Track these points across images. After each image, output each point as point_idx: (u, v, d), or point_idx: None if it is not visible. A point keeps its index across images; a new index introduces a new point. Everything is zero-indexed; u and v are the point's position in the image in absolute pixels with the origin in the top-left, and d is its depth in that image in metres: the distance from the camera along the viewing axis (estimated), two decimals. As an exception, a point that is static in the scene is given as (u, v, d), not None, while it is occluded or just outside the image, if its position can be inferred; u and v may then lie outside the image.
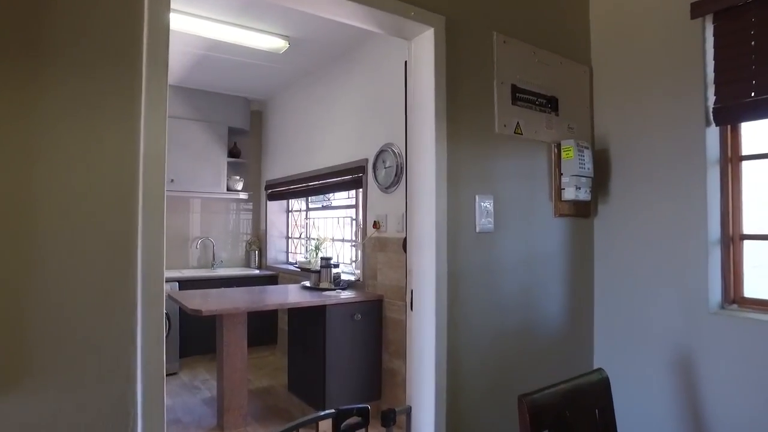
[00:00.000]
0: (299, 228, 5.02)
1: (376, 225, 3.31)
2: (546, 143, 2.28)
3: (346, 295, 3.23)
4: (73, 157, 1.14)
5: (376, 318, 3.21)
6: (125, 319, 1.18)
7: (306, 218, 4.91)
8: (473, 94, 2.00)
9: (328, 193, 4.24)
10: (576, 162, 2.23)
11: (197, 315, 2.70)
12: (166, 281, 4.50)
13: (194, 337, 4.25)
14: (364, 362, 3.15)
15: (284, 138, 4.83)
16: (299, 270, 4.08)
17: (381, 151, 3.27)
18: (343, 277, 3.63)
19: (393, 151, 3.14)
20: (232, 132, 4.99)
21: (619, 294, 2.39)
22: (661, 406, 2.19)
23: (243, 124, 5.02)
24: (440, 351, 1.81)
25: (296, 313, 3.32)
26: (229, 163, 4.86)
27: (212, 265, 4.87)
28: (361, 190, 3.59)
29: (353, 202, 4.07)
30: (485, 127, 2.04)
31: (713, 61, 2.02)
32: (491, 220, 2.02)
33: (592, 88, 2.51)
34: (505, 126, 2.09)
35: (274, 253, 5.09)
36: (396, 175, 3.11)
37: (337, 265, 3.60)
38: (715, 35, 2.01)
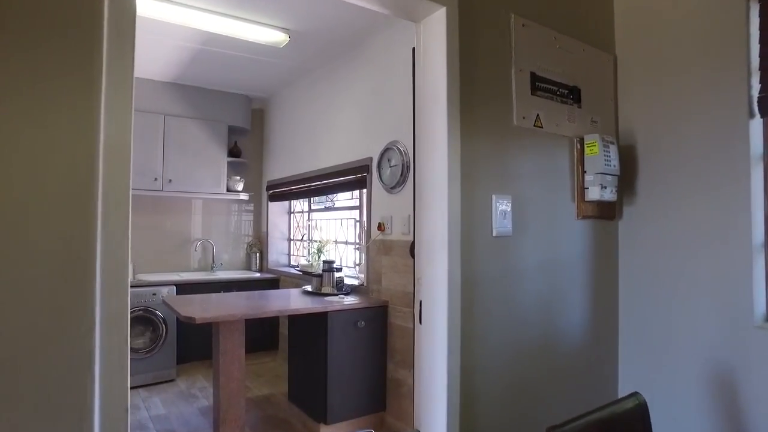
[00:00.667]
0: (301, 230, 4.86)
1: (380, 227, 3.15)
2: (568, 138, 2.08)
3: (349, 300, 3.07)
4: (10, 146, 0.94)
5: (380, 325, 3.05)
6: (79, 344, 0.98)
7: (308, 220, 4.75)
8: (489, 82, 1.81)
9: (331, 193, 4.09)
10: (601, 158, 2.03)
11: (190, 323, 2.55)
12: (163, 285, 4.30)
13: (193, 343, 4.11)
14: (368, 371, 3.00)
15: (286, 137, 4.67)
16: (301, 273, 3.93)
17: (386, 149, 3.10)
18: (346, 281, 3.48)
19: (398, 149, 2.97)
20: (233, 131, 4.83)
21: (646, 304, 2.18)
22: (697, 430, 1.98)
23: (243, 123, 4.86)
24: (453, 370, 1.61)
25: (297, 319, 3.19)
26: (229, 163, 4.71)
27: (212, 268, 4.72)
28: (364, 190, 3.43)
29: (357, 203, 3.91)
30: (502, 119, 1.84)
31: (758, 45, 1.80)
32: (509, 222, 1.82)
33: (616, 78, 2.30)
34: (524, 118, 1.89)
35: (276, 255, 4.94)
36: (402, 174, 2.94)
37: (339, 269, 3.45)
38: (761, 15, 1.79)
